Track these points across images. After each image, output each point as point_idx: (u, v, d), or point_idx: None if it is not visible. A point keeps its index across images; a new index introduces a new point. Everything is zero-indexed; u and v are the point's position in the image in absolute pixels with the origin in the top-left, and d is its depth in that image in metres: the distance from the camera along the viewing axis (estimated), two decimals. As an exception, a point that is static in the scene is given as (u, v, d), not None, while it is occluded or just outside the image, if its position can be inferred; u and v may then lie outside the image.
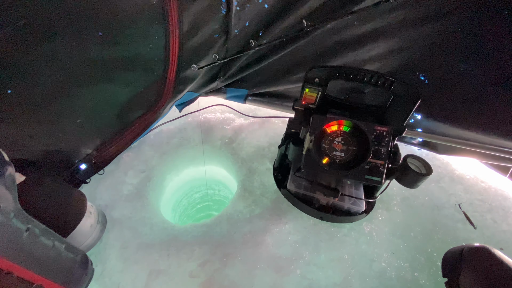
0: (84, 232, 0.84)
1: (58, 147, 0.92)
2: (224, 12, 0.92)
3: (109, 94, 0.95)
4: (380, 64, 1.04)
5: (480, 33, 0.86)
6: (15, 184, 0.62)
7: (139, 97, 1.04)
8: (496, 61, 0.88)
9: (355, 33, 0.97)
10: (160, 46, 0.91)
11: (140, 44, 0.87)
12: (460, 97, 1.00)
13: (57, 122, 0.86)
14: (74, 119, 0.90)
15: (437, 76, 0.99)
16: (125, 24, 0.79)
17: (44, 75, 0.73)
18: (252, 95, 1.35)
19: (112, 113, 1.01)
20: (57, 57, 0.72)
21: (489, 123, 0.99)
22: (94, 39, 0.76)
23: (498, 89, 0.92)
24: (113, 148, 1.12)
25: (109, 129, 1.07)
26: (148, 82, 1.02)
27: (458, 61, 0.93)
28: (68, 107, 0.85)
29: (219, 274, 0.83)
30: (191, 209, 1.79)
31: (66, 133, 0.91)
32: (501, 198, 1.08)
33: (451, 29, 0.88)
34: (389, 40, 0.97)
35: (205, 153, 1.34)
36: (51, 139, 0.88)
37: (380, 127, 0.81)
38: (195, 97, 1.33)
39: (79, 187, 1.06)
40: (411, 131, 1.16)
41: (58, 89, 0.79)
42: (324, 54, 1.07)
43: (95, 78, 0.86)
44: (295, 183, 0.99)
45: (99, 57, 0.81)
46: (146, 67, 0.95)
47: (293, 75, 1.17)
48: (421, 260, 0.88)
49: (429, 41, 0.92)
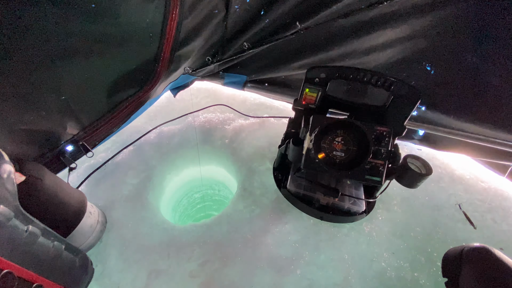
0: (84, 232, 0.84)
1: (41, 126, 0.85)
2: None
3: (98, 70, 0.88)
4: (385, 53, 1.01)
5: (490, 23, 0.82)
6: (15, 184, 0.62)
7: (131, 75, 0.98)
8: (507, 52, 0.84)
9: (361, 19, 0.93)
10: (158, 22, 0.86)
11: (136, 18, 0.82)
12: (466, 89, 0.96)
13: (39, 98, 0.79)
14: (59, 95, 0.83)
15: (444, 67, 0.95)
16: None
17: (27, 44, 0.67)
18: (251, 81, 1.28)
19: (101, 91, 0.94)
20: (43, 26, 0.67)
21: (495, 117, 0.95)
22: (87, 10, 0.71)
23: (506, 82, 0.88)
24: (102, 129, 1.04)
25: (98, 108, 0.99)
26: (141, 59, 0.96)
27: (466, 52, 0.89)
28: (52, 82, 0.79)
29: (219, 274, 0.83)
30: (191, 209, 1.79)
31: (50, 111, 0.83)
32: (501, 198, 1.08)
33: (461, 17, 0.84)
34: (396, 28, 0.93)
35: (205, 153, 1.34)
36: (32, 116, 0.80)
37: (380, 127, 0.81)
38: (191, 80, 1.27)
39: (63, 171, 0.99)
40: (414, 123, 1.12)
41: (41, 62, 0.73)
42: (329, 41, 1.02)
43: (84, 52, 0.79)
44: (295, 183, 0.99)
45: (89, 30, 0.76)
46: (140, 44, 0.90)
47: (295, 61, 1.12)
48: (421, 260, 0.88)
49: (437, 29, 0.89)
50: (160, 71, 1.03)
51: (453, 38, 0.88)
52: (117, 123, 1.09)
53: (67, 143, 0.96)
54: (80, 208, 0.83)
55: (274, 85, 1.28)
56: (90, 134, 1.01)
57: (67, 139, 0.96)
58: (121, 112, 1.06)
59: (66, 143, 0.96)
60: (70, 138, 0.97)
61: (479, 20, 0.82)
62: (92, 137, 1.03)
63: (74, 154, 1.00)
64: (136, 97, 1.06)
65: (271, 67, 1.19)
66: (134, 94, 1.06)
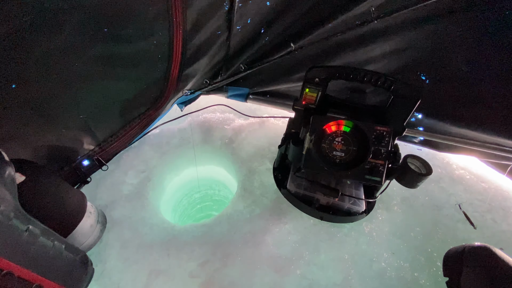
0: (84, 232, 0.83)
1: (61, 143, 0.93)
2: (227, 8, 0.92)
3: (112, 91, 0.95)
4: (381, 64, 1.05)
5: (481, 33, 0.86)
6: (15, 184, 0.62)
7: (142, 94, 1.04)
8: (497, 60, 0.88)
9: (356, 33, 0.98)
10: (164, 43, 0.92)
11: (145, 41, 0.87)
12: (460, 96, 1.00)
13: (60, 118, 0.87)
14: (78, 114, 0.90)
15: (438, 76, 0.99)
16: (130, 20, 0.79)
17: (49, 71, 0.73)
18: (254, 93, 1.35)
19: (115, 109, 1.02)
20: (62, 53, 0.72)
21: (489, 122, 0.99)
22: (100, 35, 0.76)
23: (498, 89, 0.92)
24: (116, 144, 1.13)
25: (112, 125, 1.08)
26: (152, 79, 1.02)
27: (459, 61, 0.93)
28: (71, 102, 0.86)
29: (219, 274, 0.83)
30: (191, 209, 1.79)
31: (69, 128, 0.91)
32: (501, 198, 1.08)
33: (453, 29, 0.88)
34: (390, 41, 0.97)
35: (205, 153, 1.34)
36: (54, 134, 0.89)
37: (380, 127, 0.81)
38: (197, 95, 1.33)
39: (81, 186, 1.06)
40: (412, 130, 1.16)
41: (63, 85, 0.79)
42: (325, 54, 1.07)
43: (99, 74, 0.86)
44: (295, 183, 0.99)
45: (104, 53, 0.81)
46: (150, 64, 0.96)
47: (294, 74, 1.18)
48: (421, 260, 0.88)
49: (430, 41, 0.93)
50: (169, 90, 1.10)
51: (445, 48, 0.93)
52: (130, 139, 1.18)
53: (83, 158, 1.04)
54: (80, 208, 0.83)
55: (275, 96, 1.35)
56: (104, 149, 1.10)
57: (84, 154, 1.04)
58: (133, 129, 1.15)
59: (83, 157, 1.04)
60: (86, 153, 1.05)
61: (472, 30, 0.86)
62: (106, 151, 1.11)
63: (90, 168, 1.09)
64: (147, 114, 1.14)
65: (272, 80, 1.25)
66: (145, 111, 1.13)
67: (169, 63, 0.99)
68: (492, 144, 1.05)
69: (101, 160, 1.10)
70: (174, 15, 0.85)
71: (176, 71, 1.03)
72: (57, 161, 0.97)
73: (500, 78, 0.90)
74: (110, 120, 1.05)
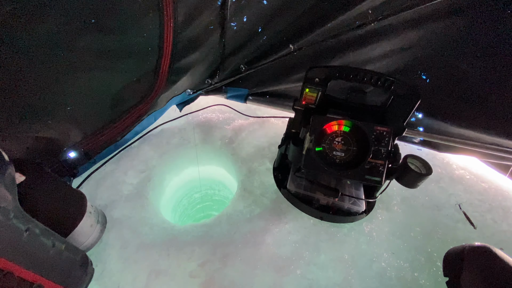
0: (84, 232, 0.83)
1: (47, 134, 0.90)
2: (220, 3, 0.92)
3: (101, 83, 0.94)
4: (382, 64, 1.04)
5: (482, 32, 0.86)
6: (15, 184, 0.62)
7: (131, 87, 1.03)
8: (497, 60, 0.88)
9: (356, 33, 0.98)
10: (155, 36, 0.90)
11: (134, 33, 0.86)
12: (461, 96, 1.00)
13: (47, 108, 0.85)
14: (65, 106, 0.88)
15: (439, 75, 0.99)
16: (120, 12, 0.78)
17: (35, 60, 0.72)
18: (253, 94, 1.35)
19: (103, 102, 1.00)
20: (47, 43, 0.71)
21: (490, 122, 0.99)
22: (87, 26, 0.75)
23: (499, 88, 0.92)
24: (104, 137, 1.10)
25: (100, 118, 1.05)
26: (141, 72, 1.01)
27: (459, 61, 0.93)
28: (59, 93, 0.84)
29: (219, 274, 0.83)
30: (191, 209, 1.79)
31: (55, 119, 0.89)
32: (501, 198, 1.08)
33: (453, 28, 0.88)
34: (390, 40, 0.97)
35: (205, 153, 1.34)
36: (40, 125, 0.87)
37: (380, 127, 0.81)
38: (196, 96, 1.33)
39: (69, 179, 1.05)
40: (412, 131, 1.16)
41: (48, 75, 0.78)
42: (325, 54, 1.07)
43: (87, 66, 0.85)
44: (295, 183, 0.99)
45: (91, 45, 0.80)
46: (139, 57, 0.94)
47: (294, 74, 1.18)
48: (421, 260, 0.88)
49: (430, 40, 0.93)
50: (159, 83, 1.08)
51: (446, 48, 0.93)
52: (119, 132, 1.16)
53: (69, 150, 1.01)
54: (80, 208, 0.83)
55: (275, 96, 1.34)
56: (92, 142, 1.07)
57: (70, 145, 1.01)
58: (123, 122, 1.12)
59: (69, 149, 1.01)
60: (73, 145, 1.02)
61: (473, 29, 0.86)
62: (95, 144, 1.09)
63: (76, 160, 1.06)
64: (137, 108, 1.12)
65: (271, 80, 1.25)
66: (135, 105, 1.11)
67: (159, 56, 0.97)
68: (493, 145, 1.05)
69: (88, 152, 1.07)
70: (164, 7, 0.84)
71: (167, 64, 1.01)
72: (44, 152, 0.95)
73: (501, 78, 0.90)
74: (98, 112, 1.03)
